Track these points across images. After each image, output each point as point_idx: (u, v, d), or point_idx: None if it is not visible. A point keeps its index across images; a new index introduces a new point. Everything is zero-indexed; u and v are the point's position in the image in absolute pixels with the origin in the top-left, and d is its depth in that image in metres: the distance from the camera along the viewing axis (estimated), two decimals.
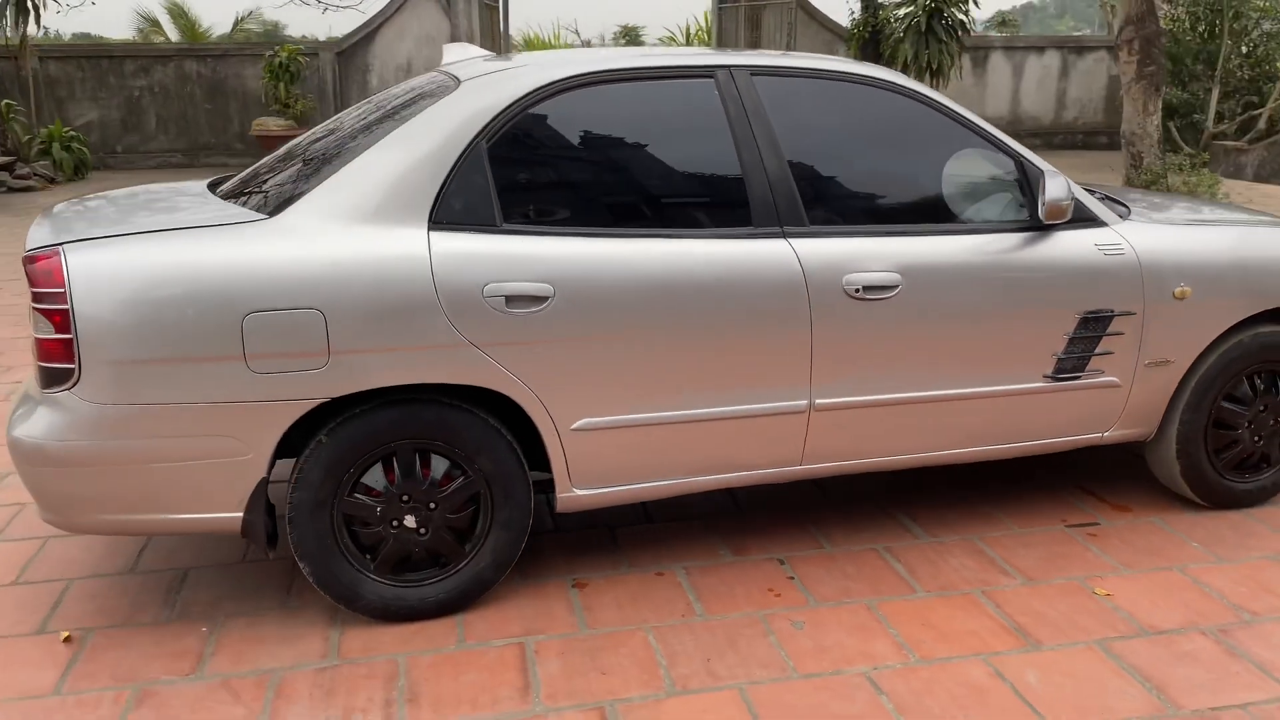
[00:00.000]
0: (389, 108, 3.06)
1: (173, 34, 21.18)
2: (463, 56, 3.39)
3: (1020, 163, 3.16)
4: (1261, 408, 3.46)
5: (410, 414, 2.73)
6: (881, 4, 14.31)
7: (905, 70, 13.49)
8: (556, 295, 2.72)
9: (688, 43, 26.14)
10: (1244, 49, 14.12)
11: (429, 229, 2.70)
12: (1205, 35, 14.37)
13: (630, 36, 32.94)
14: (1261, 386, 3.45)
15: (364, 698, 2.54)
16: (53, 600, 2.99)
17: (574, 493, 2.91)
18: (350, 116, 3.32)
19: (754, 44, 15.63)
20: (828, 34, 15.89)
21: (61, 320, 2.50)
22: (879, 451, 3.16)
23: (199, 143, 14.68)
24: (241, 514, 2.69)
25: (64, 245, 2.56)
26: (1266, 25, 14.33)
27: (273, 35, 21.46)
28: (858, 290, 2.93)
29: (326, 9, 15.30)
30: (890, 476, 3.74)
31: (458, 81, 2.91)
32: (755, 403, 2.94)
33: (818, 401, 2.99)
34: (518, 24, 16.46)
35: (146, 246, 2.59)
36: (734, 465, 3.03)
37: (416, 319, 2.65)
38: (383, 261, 2.64)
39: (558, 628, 2.84)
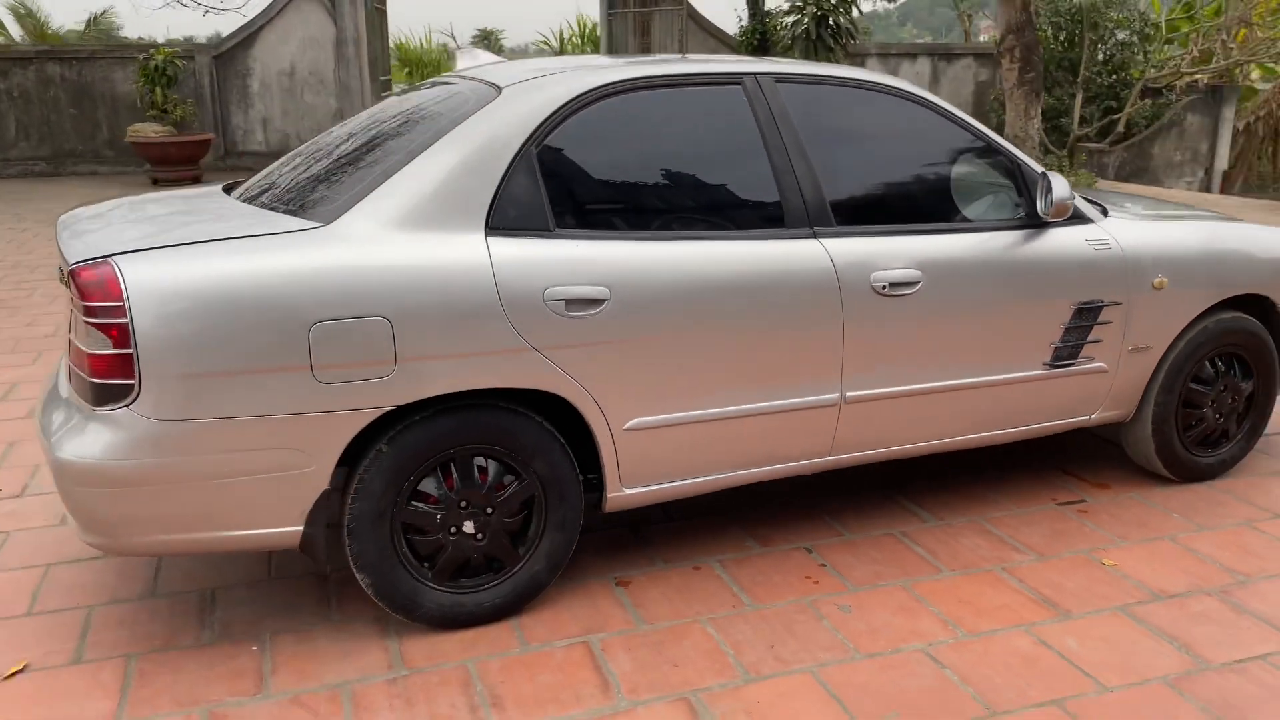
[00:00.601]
0: (423, 113, 3.05)
1: (16, 33, 20.04)
2: (475, 63, 3.40)
3: (1018, 165, 3.37)
4: (1222, 387, 3.77)
5: (469, 420, 2.73)
6: (768, 12, 14.70)
7: None
8: (612, 297, 2.77)
9: (561, 49, 26.26)
10: (1101, 57, 15.07)
11: (486, 234, 2.71)
12: (1066, 44, 15.28)
13: (489, 41, 32.78)
14: (1222, 368, 3.76)
15: (446, 704, 2.53)
16: (79, 628, 2.87)
17: (623, 492, 2.96)
18: (368, 121, 3.29)
19: (644, 50, 15.80)
20: (714, 41, 16.20)
21: (120, 334, 2.41)
22: (899, 440, 3.31)
23: (64, 150, 13.93)
24: (301, 528, 2.64)
25: (115, 257, 2.47)
26: (1121, 35, 15.34)
27: (110, 37, 20.61)
28: (884, 287, 3.08)
29: (208, 11, 14.72)
30: (884, 465, 3.90)
31: (497, 88, 2.92)
32: (792, 397, 3.06)
33: (848, 394, 3.12)
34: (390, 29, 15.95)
35: (207, 257, 2.52)
36: (771, 459, 3.14)
37: (480, 324, 2.65)
38: (446, 268, 2.64)
39: (615, 625, 2.89)
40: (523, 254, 2.72)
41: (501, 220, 2.73)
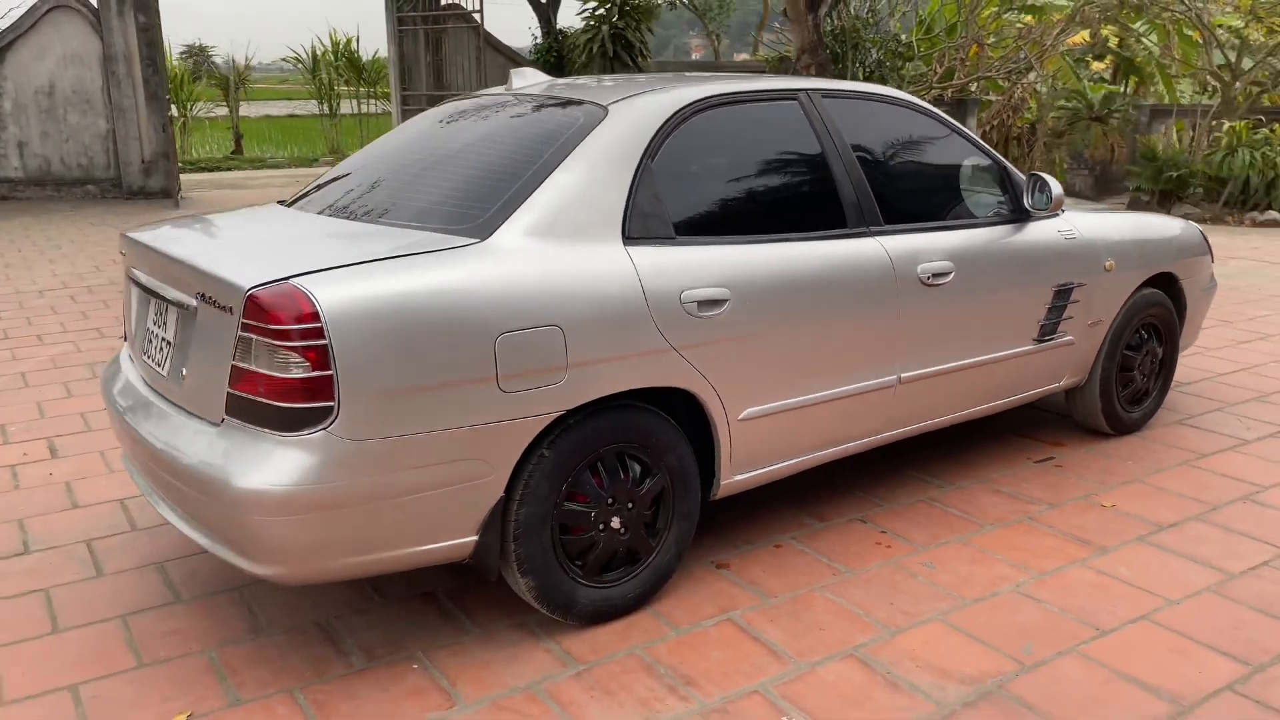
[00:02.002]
0: (528, 129, 3.15)
1: None
2: (533, 80, 3.51)
3: (1004, 167, 3.87)
4: (1145, 353, 4.45)
5: (616, 420, 2.87)
6: (562, 30, 15.04)
7: None
8: (732, 297, 2.99)
9: (314, 67, 25.47)
10: (861, 75, 16.48)
11: (624, 244, 2.86)
12: (834, 63, 16.60)
13: (198, 56, 31.09)
14: (1144, 336, 4.44)
15: (643, 689, 2.66)
16: (210, 671, 2.75)
17: (733, 479, 3.18)
18: (441, 135, 3.35)
19: (435, 67, 15.72)
20: (503, 59, 16.34)
21: (318, 357, 2.38)
22: (931, 415, 3.72)
23: None
24: (476, 537, 2.68)
25: (298, 279, 2.43)
26: (875, 53, 16.85)
27: None
28: (929, 277, 3.47)
29: None
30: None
31: (601, 106, 3.06)
32: (864, 380, 3.39)
33: (903, 375, 3.49)
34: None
35: (388, 275, 2.53)
36: (845, 438, 3.45)
37: (633, 329, 2.80)
38: (602, 276, 2.78)
39: (744, 602, 3.10)
40: (658, 260, 2.89)
41: (634, 230, 2.89)
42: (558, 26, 15.13)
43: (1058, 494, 3.89)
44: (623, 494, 2.91)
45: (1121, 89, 17.74)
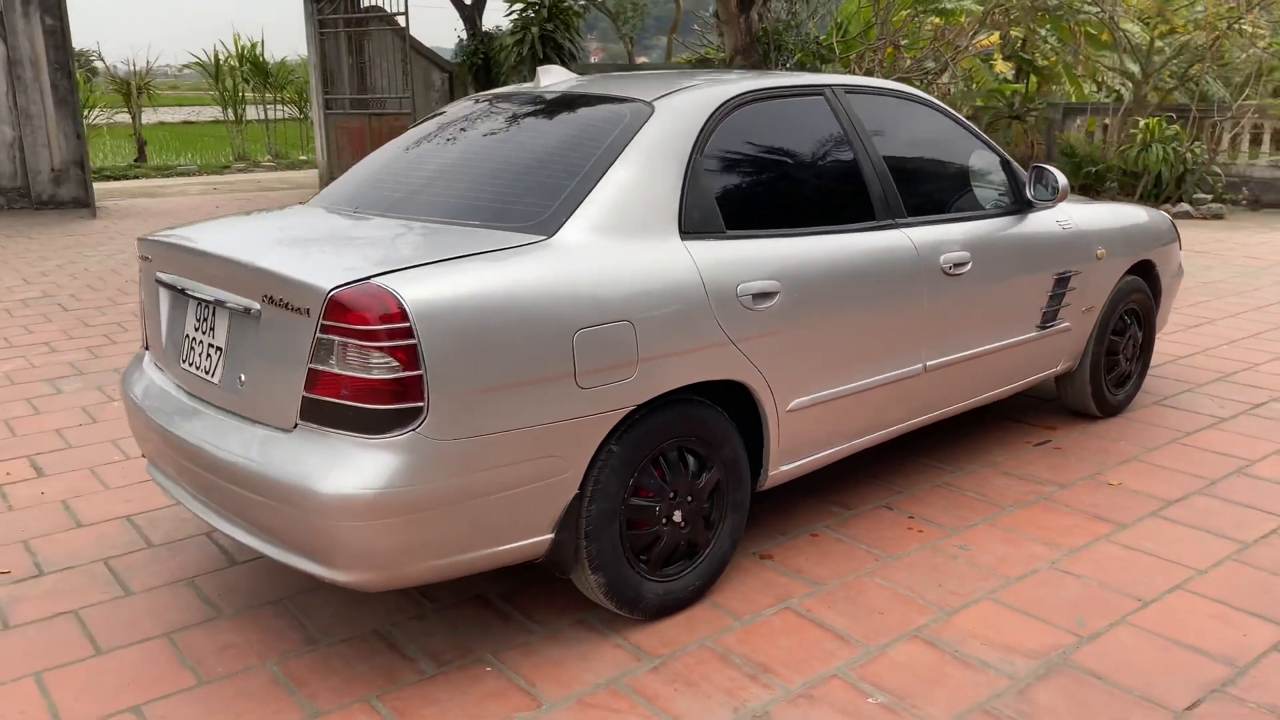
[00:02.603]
0: (573, 126, 3.14)
1: None
2: (560, 78, 3.49)
3: (1006, 160, 4.00)
4: (1128, 337, 4.65)
5: (677, 414, 2.88)
6: (488, 33, 14.94)
7: None
8: (781, 290, 3.03)
9: (218, 72, 24.74)
10: None
11: (682, 239, 2.88)
12: (760, 65, 16.82)
13: (83, 60, 30.00)
14: (1128, 321, 4.64)
15: (724, 679, 2.68)
16: (277, 684, 2.68)
17: (779, 469, 3.22)
18: (478, 131, 3.32)
19: (359, 70, 15.44)
20: (426, 62, 16.15)
21: (408, 357, 2.35)
22: (951, 401, 3.82)
23: None
24: (552, 535, 2.67)
25: (380, 278, 2.39)
26: (796, 55, 17.14)
27: None
28: (950, 267, 3.57)
29: None
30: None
31: (647, 103, 3.06)
32: (896, 369, 3.46)
33: (928, 363, 3.58)
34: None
35: (465, 273, 2.50)
36: (878, 426, 3.53)
37: (695, 323, 2.82)
38: (665, 271, 2.79)
39: (797, 590, 3.14)
40: (714, 254, 2.91)
41: (689, 225, 2.91)
42: (484, 29, 15.00)
43: (1064, 474, 4.03)
44: (683, 488, 2.92)
45: (1023, 88, 18.38)
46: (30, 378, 5.53)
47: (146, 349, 3.25)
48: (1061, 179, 3.89)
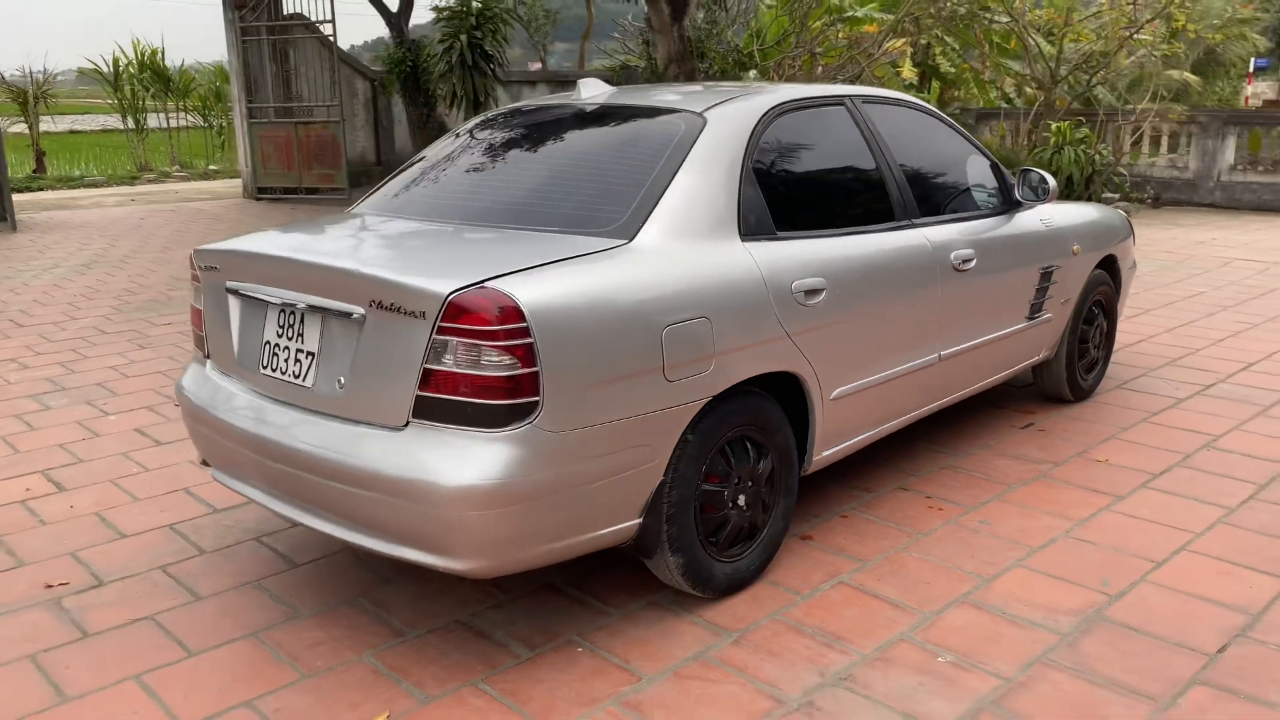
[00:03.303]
0: (627, 136, 3.31)
1: None
2: (598, 90, 3.65)
3: (995, 163, 4.31)
4: (1096, 326, 5.02)
5: (741, 405, 3.08)
6: (415, 41, 14.89)
7: (451, 103, 14.30)
8: (827, 286, 3.26)
9: (117, 79, 24.01)
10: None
11: (742, 240, 3.09)
12: (694, 72, 17.10)
13: None
14: (1095, 311, 5.01)
15: (802, 648, 2.89)
16: (379, 675, 2.79)
17: (821, 454, 3.45)
18: (523, 141, 3.48)
19: (284, 78, 15.25)
20: (348, 69, 16.02)
21: (525, 354, 2.50)
22: (957, 388, 4.11)
23: None
24: (640, 520, 2.84)
25: (496, 280, 2.53)
26: (717, 65, 17.52)
27: None
28: (959, 263, 3.85)
29: None
30: None
31: (698, 114, 3.26)
32: (917, 359, 3.73)
33: (942, 353, 3.86)
34: None
35: (568, 275, 2.65)
36: (899, 413, 3.79)
37: (759, 318, 3.03)
38: (733, 271, 2.99)
39: (845, 566, 3.37)
40: (770, 254, 3.13)
41: (746, 227, 3.12)
42: (410, 37, 14.95)
43: (1054, 454, 4.36)
44: (745, 473, 3.12)
45: (926, 95, 19.12)
46: (12, 394, 5.44)
47: (208, 357, 3.30)
48: (1051, 181, 4.22)
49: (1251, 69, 30.52)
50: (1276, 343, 6.24)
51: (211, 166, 23.86)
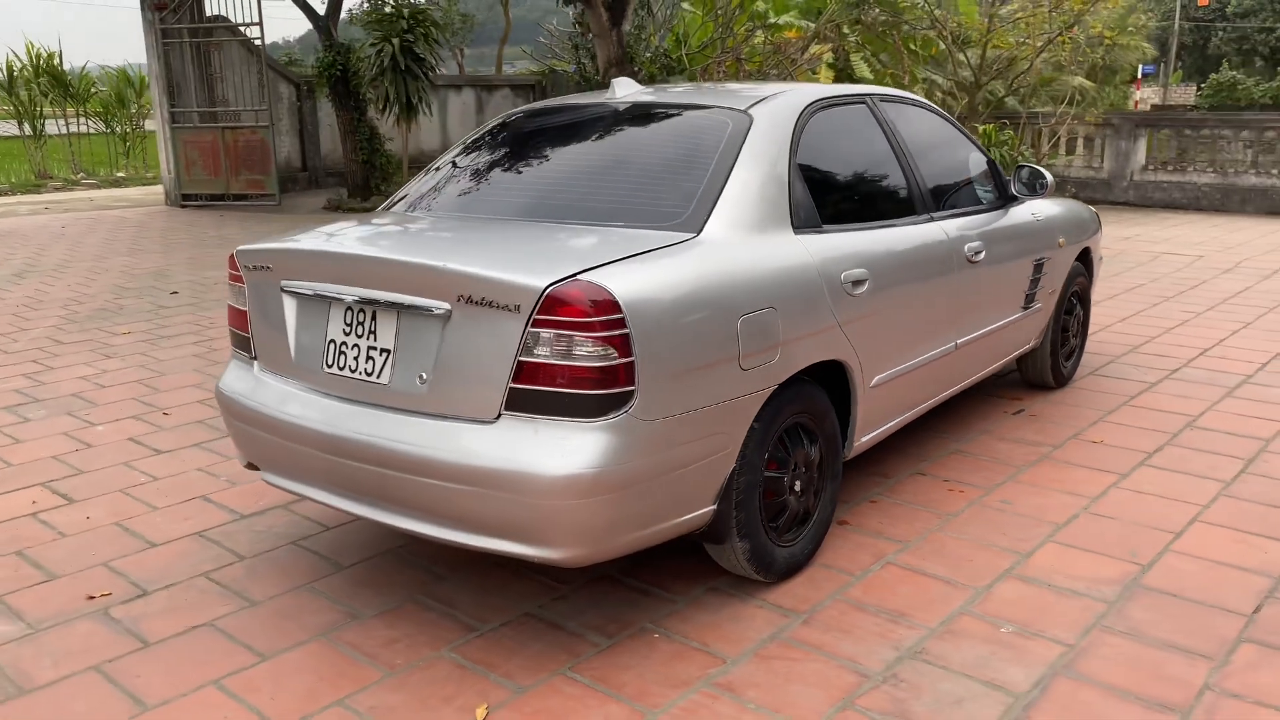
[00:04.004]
0: (675, 133, 3.38)
1: None
2: (632, 89, 3.71)
3: (991, 160, 4.50)
4: (1074, 316, 5.27)
5: (796, 393, 3.17)
6: (344, 44, 14.66)
7: (383, 107, 14.14)
8: (870, 277, 3.38)
9: (10, 83, 23.07)
10: None
11: (794, 233, 3.18)
12: (601, 76, 17.20)
13: None
14: (1074, 302, 5.25)
15: (870, 624, 3.00)
16: (465, 668, 2.80)
17: (859, 440, 3.57)
18: (566, 138, 3.52)
19: (207, 81, 14.86)
20: (271, 73, 15.68)
21: (622, 344, 2.55)
22: (966, 375, 4.28)
23: None
24: (714, 507, 2.92)
25: (585, 275, 2.58)
26: (647, 69, 17.66)
27: None
28: (972, 255, 4.02)
29: None
30: None
31: (742, 112, 3.34)
32: (939, 347, 3.88)
33: (959, 341, 4.02)
34: None
35: (652, 267, 2.71)
36: (922, 399, 3.93)
37: (816, 308, 3.13)
38: (792, 262, 3.09)
39: (888, 549, 3.49)
40: (820, 246, 3.23)
41: (796, 220, 3.22)
42: (341, 41, 14.71)
43: (1051, 437, 4.56)
44: (800, 459, 3.22)
45: None
46: None
47: (254, 359, 3.26)
48: (1048, 176, 4.42)
49: (1140, 75, 32.10)
50: (1223, 329, 6.61)
51: (119, 173, 23.09)
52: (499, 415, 2.64)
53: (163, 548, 3.57)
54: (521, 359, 2.59)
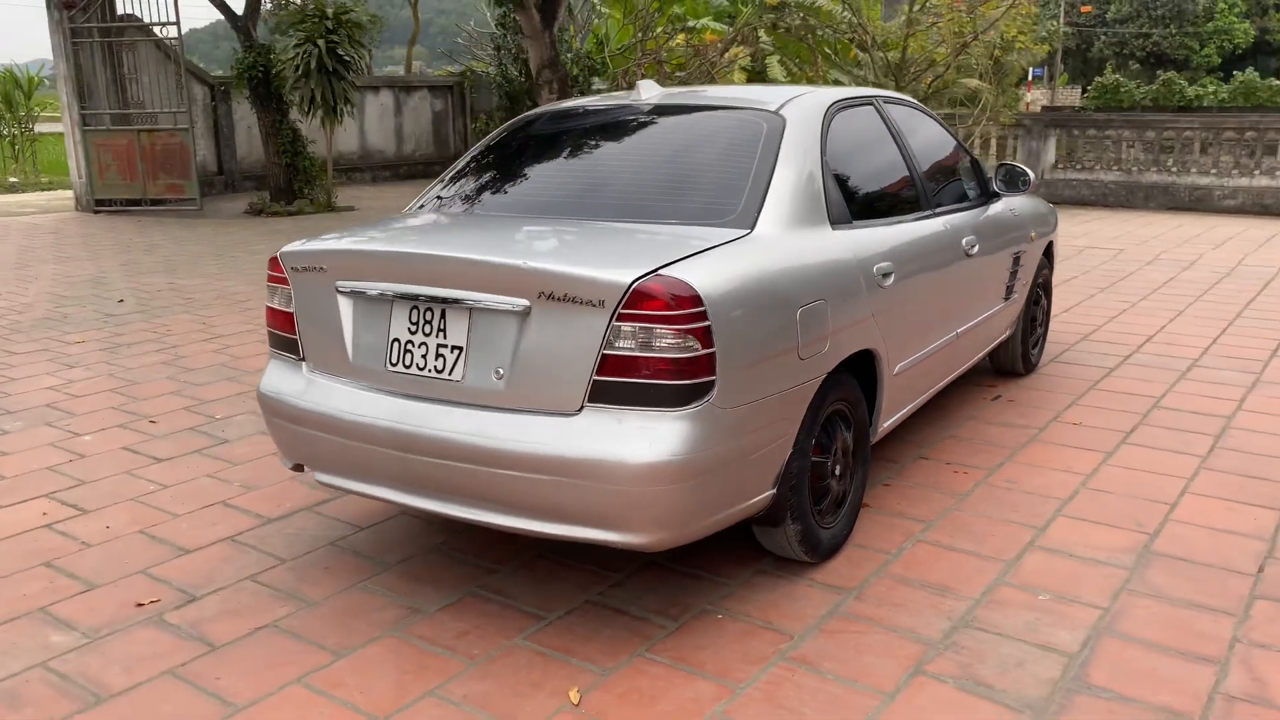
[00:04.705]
0: (712, 134, 3.50)
1: None
2: (654, 91, 3.81)
3: (974, 159, 4.74)
4: (1040, 306, 5.56)
5: (837, 381, 3.32)
6: (264, 45, 14.36)
7: (308, 109, 13.91)
8: (895, 269, 3.56)
9: None
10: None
11: (832, 228, 3.34)
12: (526, 78, 17.19)
13: None
14: (1040, 294, 5.55)
15: (919, 598, 3.16)
16: (543, 659, 2.88)
17: (882, 426, 3.75)
18: (599, 139, 3.61)
19: (119, 82, 14.38)
20: (186, 74, 15.26)
21: (704, 336, 2.66)
22: (962, 363, 4.50)
23: None
24: (774, 491, 3.05)
25: (665, 270, 2.68)
26: (572, 70, 17.71)
27: None
28: (969, 248, 4.24)
29: None
30: None
31: (773, 112, 3.48)
32: (944, 336, 4.09)
33: (959, 330, 4.24)
34: None
35: (721, 263, 2.83)
36: (929, 387, 4.14)
37: (856, 300, 3.29)
38: (834, 256, 3.24)
39: (913, 529, 3.66)
40: (854, 240, 3.40)
41: (831, 216, 3.38)
42: (262, 42, 14.40)
43: (1033, 420, 4.83)
44: (839, 445, 3.38)
45: None
46: None
47: (303, 360, 3.26)
48: (1030, 173, 4.68)
49: (1030, 77, 33.49)
50: (1160, 317, 7.04)
51: (11, 179, 22.13)
52: (581, 407, 2.72)
53: (198, 554, 3.54)
54: (606, 352, 2.68)
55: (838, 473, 3.37)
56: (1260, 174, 13.43)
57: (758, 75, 20.26)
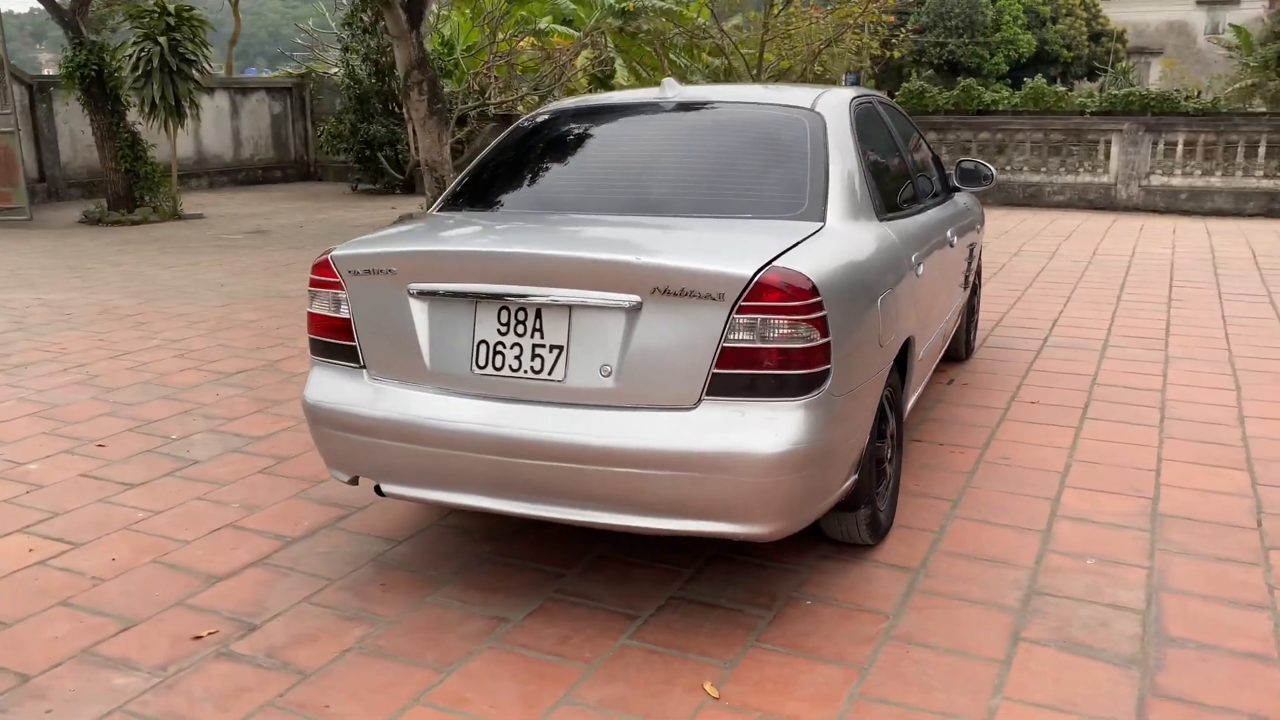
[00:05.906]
0: (755, 131, 3.54)
1: None
2: (678, 88, 3.82)
3: (936, 155, 4.99)
4: (976, 295, 5.90)
5: (891, 368, 3.45)
6: (98, 43, 13.39)
7: (150, 111, 13.10)
8: (922, 260, 3.73)
9: None
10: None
11: (878, 220, 3.46)
12: (376, 79, 16.73)
13: None
14: (976, 283, 5.88)
15: (980, 570, 3.32)
16: (655, 657, 2.87)
17: (905, 409, 3.90)
18: (642, 136, 3.61)
19: None
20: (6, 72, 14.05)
21: (822, 325, 2.72)
22: (942, 348, 4.72)
23: None
24: (856, 476, 3.14)
25: (777, 262, 2.73)
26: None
27: None
28: (951, 239, 4.47)
29: None
30: None
31: (808, 109, 3.57)
32: (940, 322, 4.29)
33: (947, 317, 4.46)
34: None
35: (819, 256, 2.88)
36: (928, 372, 4.33)
37: (906, 288, 3.43)
38: (891, 246, 3.37)
39: (943, 506, 3.83)
40: (895, 232, 3.53)
41: (876, 208, 3.50)
42: (94, 40, 13.41)
43: (994, 400, 5.12)
44: (893, 430, 3.50)
45: None
46: None
47: (365, 368, 3.12)
48: (991, 169, 4.96)
49: (845, 82, 35.16)
50: (1053, 304, 7.57)
51: None
52: (699, 401, 2.73)
53: (232, 580, 3.32)
54: (726, 345, 2.69)
55: (890, 456, 3.49)
56: (1084, 171, 14.60)
57: (604, 81, 20.44)
